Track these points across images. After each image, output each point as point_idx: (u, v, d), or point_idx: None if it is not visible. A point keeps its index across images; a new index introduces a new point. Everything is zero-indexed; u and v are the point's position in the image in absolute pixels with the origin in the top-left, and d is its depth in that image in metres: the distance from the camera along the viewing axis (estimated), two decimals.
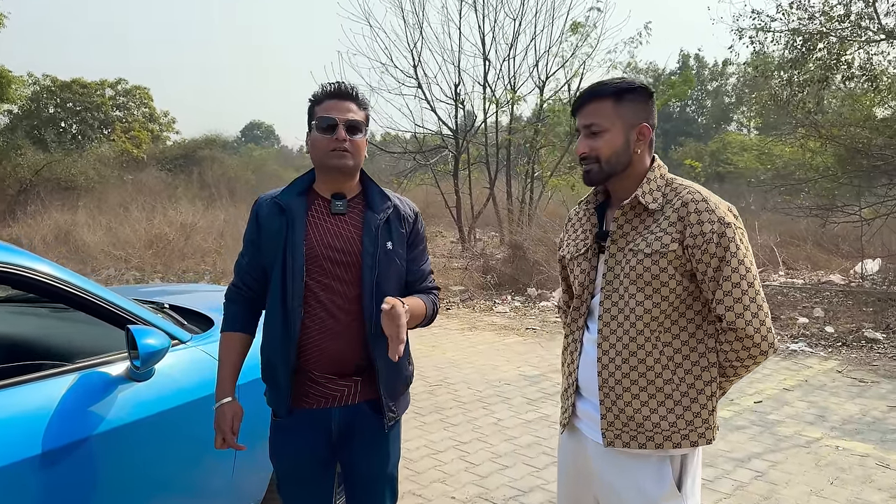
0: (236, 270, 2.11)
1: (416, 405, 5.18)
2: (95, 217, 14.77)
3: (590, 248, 1.86)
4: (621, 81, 1.76)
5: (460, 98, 15.40)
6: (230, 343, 2.08)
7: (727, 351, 1.72)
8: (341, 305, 1.96)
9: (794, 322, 7.85)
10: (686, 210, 1.69)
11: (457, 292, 10.08)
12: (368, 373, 1.99)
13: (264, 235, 2.01)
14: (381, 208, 2.03)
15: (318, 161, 1.99)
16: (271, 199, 2.03)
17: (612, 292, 1.77)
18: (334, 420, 2.00)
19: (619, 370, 1.75)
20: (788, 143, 12.47)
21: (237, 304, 2.10)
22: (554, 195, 15.13)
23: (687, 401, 1.73)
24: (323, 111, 1.96)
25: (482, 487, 3.74)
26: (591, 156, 1.77)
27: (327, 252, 1.96)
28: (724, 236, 1.67)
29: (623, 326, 1.75)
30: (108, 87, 32.34)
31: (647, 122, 1.77)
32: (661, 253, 1.70)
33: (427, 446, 4.35)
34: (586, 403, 1.85)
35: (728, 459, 4.09)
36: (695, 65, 50.24)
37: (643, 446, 1.74)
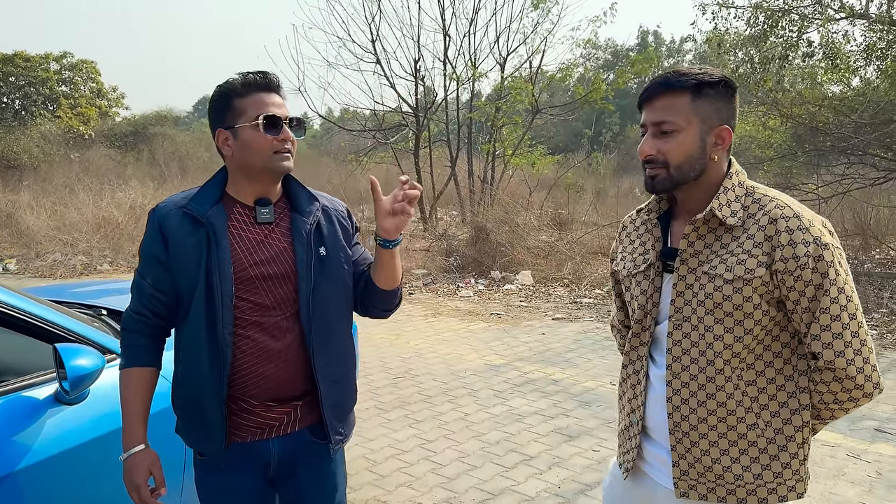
0: (136, 294, 1.76)
1: (379, 400, 5.00)
2: (39, 198, 14.14)
3: (652, 267, 1.60)
4: (702, 73, 1.48)
5: (420, 74, 15.11)
6: (137, 381, 1.74)
7: (823, 392, 1.48)
8: (279, 324, 1.72)
9: None
10: (775, 228, 1.44)
11: (419, 276, 9.89)
12: (309, 396, 1.78)
13: (176, 254, 1.69)
14: (310, 210, 1.79)
15: (254, 164, 1.70)
16: (179, 209, 1.71)
17: (683, 321, 1.52)
18: (273, 452, 1.77)
19: (693, 413, 1.52)
20: (749, 120, 12.54)
21: (143, 335, 1.76)
22: (515, 174, 14.98)
23: (774, 449, 1.50)
24: (258, 106, 1.69)
25: (450, 491, 3.59)
26: (659, 159, 1.50)
27: (258, 269, 1.71)
28: (821, 260, 1.42)
29: (698, 363, 1.51)
30: (52, 61, 30.98)
31: (728, 124, 1.51)
32: (745, 280, 1.45)
33: (392, 446, 4.17)
34: (656, 446, 1.62)
35: None
36: (653, 41, 50.49)
37: (723, 500, 1.53)
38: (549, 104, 16.09)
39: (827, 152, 10.60)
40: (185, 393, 1.75)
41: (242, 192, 1.75)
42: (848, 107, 9.92)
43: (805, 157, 10.97)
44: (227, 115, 1.71)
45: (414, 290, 9.29)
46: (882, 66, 10.05)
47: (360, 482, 3.68)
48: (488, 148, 14.57)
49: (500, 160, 14.80)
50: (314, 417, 1.80)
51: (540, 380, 5.45)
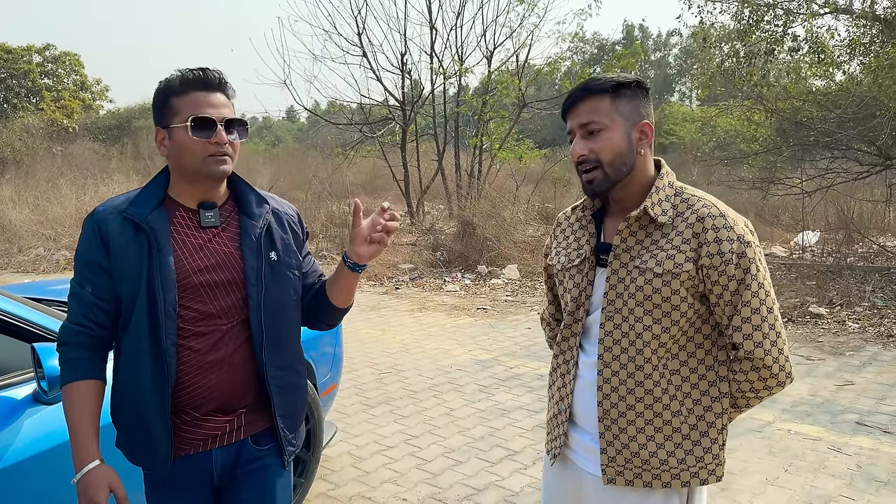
0: (75, 305, 1.63)
1: (364, 395, 4.99)
2: (22, 193, 13.98)
3: (586, 261, 1.68)
4: (616, 75, 1.58)
5: (407, 68, 15.06)
6: (86, 395, 1.61)
7: (741, 381, 1.57)
8: (225, 333, 1.64)
9: None
10: (702, 226, 1.52)
11: (406, 270, 9.87)
12: (254, 403, 1.71)
13: (118, 260, 1.59)
14: (260, 213, 1.71)
15: (188, 167, 1.61)
16: (118, 214, 1.61)
17: (615, 313, 1.59)
18: (216, 462, 1.69)
19: (622, 401, 1.58)
20: (734, 115, 12.58)
21: (86, 347, 1.63)
22: (502, 168, 14.98)
23: (696, 434, 1.58)
24: (192, 106, 1.59)
25: (435, 487, 3.59)
26: (591, 158, 1.56)
27: (203, 276, 1.62)
28: (744, 256, 1.51)
29: (628, 352, 1.57)
30: (35, 53, 30.64)
31: (647, 120, 1.59)
32: (673, 273, 1.53)
33: (377, 442, 4.17)
34: (582, 433, 1.68)
35: None
36: (639, 35, 50.59)
37: (648, 485, 1.58)
38: (535, 98, 16.08)
39: (811, 147, 10.67)
40: (127, 407, 1.65)
41: (184, 194, 1.66)
42: (832, 102, 9.99)
43: (789, 152, 11.04)
44: (164, 113, 1.63)
45: (400, 284, 9.28)
46: (866, 62, 10.12)
47: (344, 478, 3.68)
48: (475, 142, 14.55)
49: (487, 154, 14.80)
50: (258, 426, 1.73)
51: (525, 374, 5.46)
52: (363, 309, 7.86)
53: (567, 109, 1.61)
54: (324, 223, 12.54)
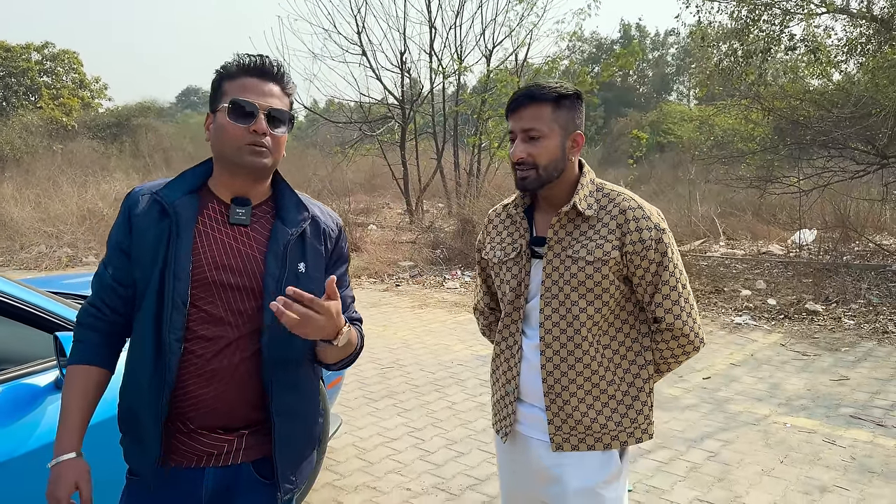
0: (96, 286, 1.57)
1: (367, 390, 5.07)
2: (23, 190, 14.02)
3: (522, 254, 1.83)
4: (559, 87, 1.74)
5: (406, 66, 15.13)
6: (83, 380, 1.53)
7: (663, 349, 1.80)
8: (231, 342, 1.51)
9: (738, 294, 8.01)
10: (624, 217, 1.73)
11: (406, 268, 9.94)
12: (258, 426, 1.57)
13: (138, 242, 1.51)
14: (296, 220, 1.58)
15: (223, 154, 1.52)
16: (150, 195, 1.53)
17: (552, 299, 1.76)
18: (207, 483, 1.54)
19: (565, 376, 1.76)
20: (732, 114, 12.66)
21: (96, 331, 1.55)
22: (501, 166, 15.06)
23: (629, 399, 1.79)
24: (238, 91, 1.50)
25: (438, 477, 3.67)
26: (529, 161, 1.73)
27: (218, 274, 1.50)
28: (661, 242, 1.73)
29: (566, 333, 1.75)
30: (34, 51, 30.65)
31: (580, 130, 1.77)
32: (602, 261, 1.72)
33: (380, 434, 4.25)
34: (529, 408, 1.84)
35: (681, 440, 4.12)
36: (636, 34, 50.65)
37: (592, 448, 1.77)
38: None
39: (808, 146, 10.75)
40: (124, 402, 1.57)
41: (221, 186, 1.56)
42: (829, 101, 10.07)
43: (786, 151, 11.13)
44: (214, 96, 1.54)
45: (401, 281, 9.35)
46: (863, 61, 10.22)
47: (349, 468, 3.76)
48: (474, 141, 14.64)
49: (486, 153, 14.87)
50: (262, 451, 1.58)
51: None
52: (364, 306, 7.93)
53: (512, 111, 1.75)
54: None
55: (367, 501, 3.41)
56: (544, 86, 1.73)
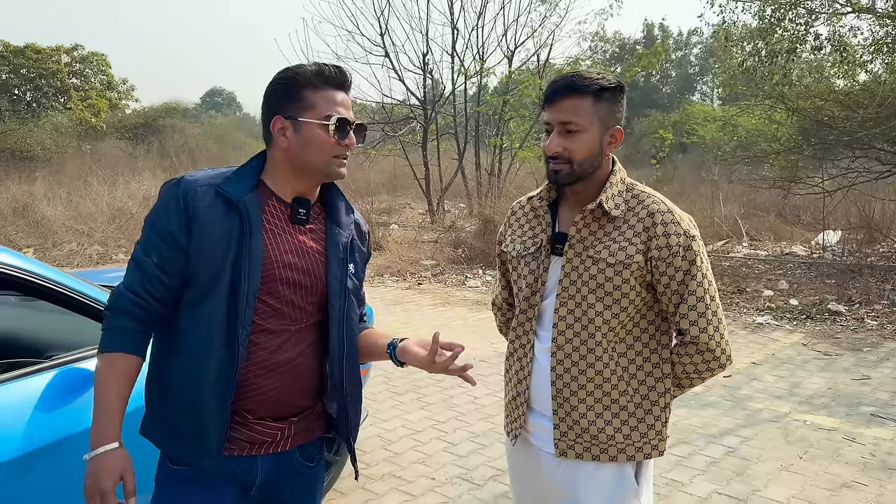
0: (135, 273, 1.52)
1: (391, 384, 5.18)
2: (54, 189, 14.35)
3: (542, 249, 1.75)
4: (601, 78, 1.64)
5: (428, 67, 15.25)
6: (123, 368, 1.49)
7: (686, 363, 1.69)
8: (293, 334, 1.58)
9: (760, 295, 8.01)
10: (652, 221, 1.64)
11: (428, 266, 10.06)
12: (305, 412, 1.65)
13: (202, 237, 1.49)
14: (347, 222, 1.67)
15: (309, 163, 1.56)
16: (211, 187, 1.52)
17: (569, 299, 1.68)
18: (260, 471, 1.60)
19: (574, 381, 1.69)
20: (755, 114, 12.61)
21: (134, 319, 1.51)
22: (522, 166, 15.13)
23: (641, 412, 1.70)
24: (330, 104, 1.55)
25: (462, 468, 3.77)
26: (564, 156, 1.64)
27: (286, 271, 1.55)
28: (689, 249, 1.64)
29: (580, 336, 1.67)
30: (63, 54, 31.24)
31: (620, 125, 1.69)
32: (625, 264, 1.63)
33: (405, 426, 4.36)
34: (538, 416, 1.77)
35: (701, 435, 4.18)
36: (659, 34, 50.37)
37: (597, 458, 1.69)
38: None
39: (832, 146, 10.69)
40: (181, 394, 1.53)
41: (282, 185, 1.59)
42: (854, 101, 10.02)
43: (810, 151, 11.07)
44: (291, 103, 1.54)
45: (423, 280, 9.46)
46: (889, 61, 10.13)
47: (375, 458, 3.87)
48: (496, 142, 14.72)
49: (507, 153, 14.95)
50: (306, 436, 1.66)
51: None
52: (387, 303, 8.06)
53: (550, 102, 1.66)
54: None
55: (393, 489, 3.52)
56: (586, 76, 1.64)
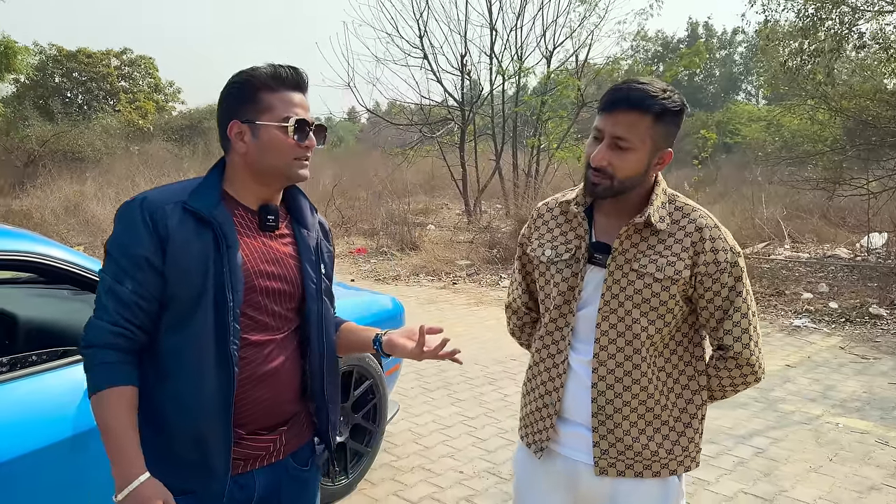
0: (111, 303, 1.43)
1: (423, 381, 5.29)
2: (104, 189, 14.84)
3: (578, 257, 1.70)
4: (666, 98, 1.56)
5: (466, 69, 15.33)
6: (128, 401, 1.43)
7: (723, 377, 1.69)
8: (276, 344, 1.56)
9: (799, 297, 7.90)
10: (700, 236, 1.62)
11: (463, 267, 10.15)
12: (292, 419, 1.64)
13: (177, 258, 1.43)
14: (312, 223, 1.66)
15: (269, 167, 1.52)
16: (177, 204, 1.46)
17: (610, 313, 1.64)
18: (258, 486, 1.58)
19: (619, 398, 1.65)
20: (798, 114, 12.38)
21: (119, 351, 1.43)
22: (560, 167, 15.10)
23: (681, 426, 1.69)
24: (287, 106, 1.51)
25: (490, 462, 3.85)
26: (608, 171, 1.58)
27: (265, 281, 1.53)
28: (736, 266, 1.63)
29: (624, 351, 1.64)
30: (113, 57, 32.19)
31: (671, 148, 1.63)
32: (672, 279, 1.61)
33: (435, 421, 4.46)
34: (572, 426, 1.72)
35: (730, 436, 4.19)
36: (703, 33, 49.60)
37: (639, 475, 1.68)
38: (595, 97, 16.15)
39: (878, 147, 10.45)
40: (179, 421, 1.47)
41: (245, 193, 1.55)
42: None
43: (854, 152, 10.83)
44: (248, 107, 1.51)
45: (457, 280, 9.56)
46: None
47: (406, 451, 3.98)
48: (533, 142, 14.73)
49: (544, 154, 14.94)
50: (297, 443, 1.66)
51: None
52: (421, 302, 8.18)
53: (606, 111, 1.58)
54: (384, 220, 12.94)
55: (423, 481, 3.62)
56: (652, 93, 1.55)
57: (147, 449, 1.44)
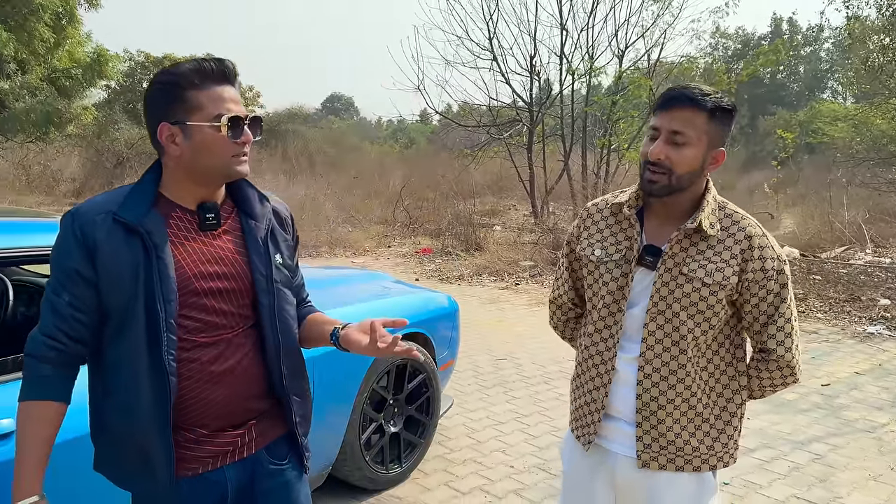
0: (48, 314, 1.46)
1: (480, 378, 5.40)
2: None
3: (629, 258, 1.76)
4: (720, 97, 1.65)
5: (536, 69, 15.33)
6: (44, 418, 1.43)
7: (763, 378, 1.76)
8: (230, 341, 1.53)
9: (875, 304, 7.60)
10: (749, 244, 1.68)
11: (526, 267, 10.20)
12: (262, 414, 1.62)
13: (107, 269, 1.43)
14: (262, 213, 1.60)
15: (207, 168, 1.48)
16: (108, 214, 1.44)
17: (658, 315, 1.71)
18: (229, 481, 1.57)
19: (663, 395, 1.72)
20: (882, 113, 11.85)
21: (53, 363, 1.45)
22: (631, 168, 14.90)
23: (721, 424, 1.77)
24: (217, 102, 1.46)
25: (541, 458, 3.93)
26: (665, 165, 1.64)
27: (206, 282, 1.49)
28: (782, 273, 1.69)
29: (670, 352, 1.71)
30: None
31: (723, 148, 1.70)
32: (721, 285, 1.67)
33: (489, 417, 4.57)
34: (616, 421, 1.81)
35: (787, 441, 4.12)
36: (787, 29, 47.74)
37: (681, 469, 1.75)
38: None
39: None
40: (118, 427, 1.49)
41: (183, 194, 1.52)
42: None
43: None
44: (175, 107, 1.45)
45: (520, 280, 9.62)
46: None
47: (459, 445, 4.10)
48: (603, 143, 14.61)
49: (614, 154, 14.79)
50: (270, 436, 1.64)
51: None
52: (483, 301, 8.29)
53: (664, 108, 1.65)
54: (450, 221, 13.11)
55: (474, 473, 3.74)
56: (705, 91, 1.64)
57: (102, 455, 1.55)
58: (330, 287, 3.82)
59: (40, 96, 17.10)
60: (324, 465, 3.20)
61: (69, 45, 18.61)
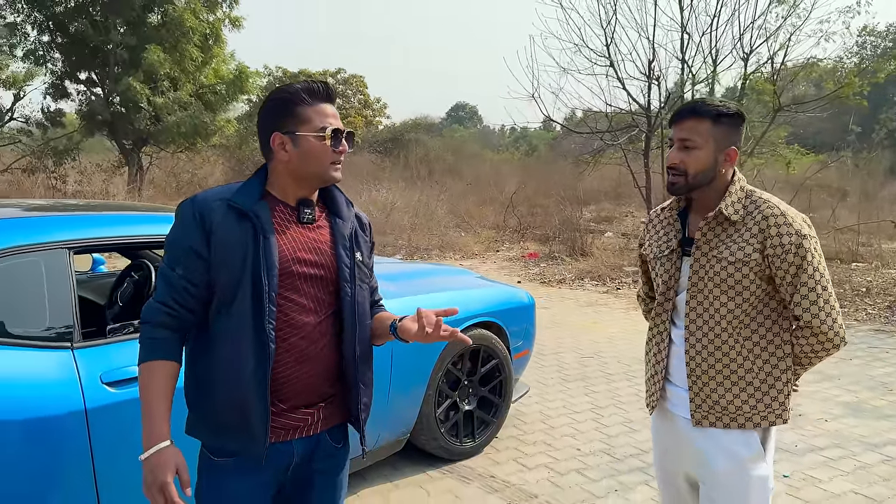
0: (163, 286, 1.67)
1: (564, 373, 5.70)
2: None
3: (674, 251, 2.07)
4: (721, 106, 1.93)
5: (654, 74, 15.18)
6: (166, 374, 1.64)
7: (802, 345, 1.95)
8: (315, 326, 1.73)
9: None
10: (766, 223, 1.90)
11: (629, 273, 10.27)
12: (331, 398, 1.81)
13: (220, 247, 1.65)
14: (348, 216, 1.85)
15: (309, 172, 1.72)
16: (222, 201, 1.67)
17: (697, 293, 1.99)
18: (296, 453, 1.77)
19: (705, 361, 1.99)
20: None
21: (169, 328, 1.66)
22: (757, 174, 14.45)
23: (765, 387, 1.97)
24: (322, 117, 1.72)
25: (607, 444, 4.20)
26: (680, 168, 1.95)
27: (301, 267, 1.71)
28: (801, 247, 1.88)
29: (708, 324, 1.98)
30: (329, 76, 35.67)
31: (735, 146, 1.96)
32: (743, 261, 1.91)
33: (566, 407, 4.87)
34: (675, 387, 2.09)
35: (860, 443, 4.14)
36: None
37: (727, 426, 1.99)
38: (799, 99, 15.23)
39: None
40: (224, 391, 1.67)
41: (285, 192, 1.75)
42: None
43: None
44: (287, 120, 1.70)
45: (622, 285, 9.73)
46: None
47: (532, 429, 4.45)
48: None
49: None
50: (333, 421, 1.83)
51: None
52: (580, 304, 8.51)
53: (675, 122, 1.99)
54: (557, 227, 13.33)
55: (542, 453, 4.08)
56: (708, 103, 1.93)
57: (198, 416, 1.74)
58: (416, 279, 4.28)
59: (189, 110, 18.92)
60: (402, 432, 3.66)
61: (215, 63, 20.44)
